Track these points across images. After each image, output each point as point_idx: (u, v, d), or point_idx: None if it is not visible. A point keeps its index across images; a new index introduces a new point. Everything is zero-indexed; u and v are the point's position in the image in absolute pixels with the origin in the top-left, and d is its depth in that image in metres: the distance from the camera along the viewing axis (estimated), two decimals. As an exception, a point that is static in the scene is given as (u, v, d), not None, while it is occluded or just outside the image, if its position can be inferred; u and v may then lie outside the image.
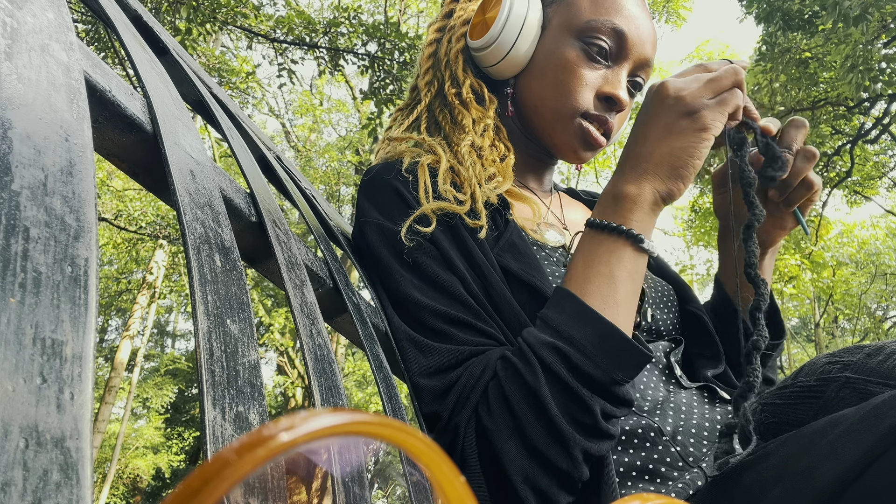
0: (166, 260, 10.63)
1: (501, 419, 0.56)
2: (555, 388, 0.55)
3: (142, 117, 0.42)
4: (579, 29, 0.78)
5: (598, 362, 0.54)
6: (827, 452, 0.40)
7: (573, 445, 0.53)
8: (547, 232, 0.80)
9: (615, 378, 0.55)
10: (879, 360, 0.51)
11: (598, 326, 0.56)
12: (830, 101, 6.91)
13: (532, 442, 0.54)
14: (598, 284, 0.59)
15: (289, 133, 13.04)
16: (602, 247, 0.61)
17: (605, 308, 0.58)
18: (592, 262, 0.60)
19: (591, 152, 0.82)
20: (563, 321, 0.57)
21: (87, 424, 0.22)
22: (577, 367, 0.54)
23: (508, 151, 0.81)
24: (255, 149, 0.74)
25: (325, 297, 0.67)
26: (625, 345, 0.56)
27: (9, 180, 0.24)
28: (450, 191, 0.70)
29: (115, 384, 9.40)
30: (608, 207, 0.62)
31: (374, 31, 5.54)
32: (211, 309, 0.35)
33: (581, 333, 0.56)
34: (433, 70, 0.88)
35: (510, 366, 0.57)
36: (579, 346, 0.55)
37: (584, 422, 0.54)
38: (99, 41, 5.33)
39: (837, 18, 4.94)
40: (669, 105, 0.60)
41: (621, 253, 0.60)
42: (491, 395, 0.57)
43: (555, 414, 0.54)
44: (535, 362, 0.56)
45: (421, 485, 0.52)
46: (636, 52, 0.79)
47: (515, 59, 0.81)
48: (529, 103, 0.83)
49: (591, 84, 0.78)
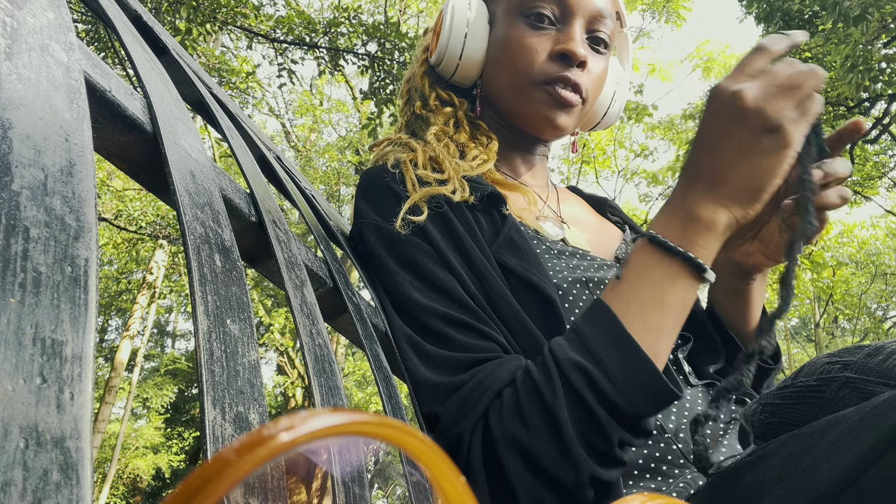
0: (166, 260, 10.63)
1: (512, 430, 0.54)
2: (575, 410, 0.53)
3: (142, 117, 0.42)
4: (518, 6, 0.80)
5: (627, 394, 0.52)
6: (827, 452, 0.40)
7: (583, 470, 0.52)
8: (544, 223, 0.80)
9: (640, 413, 0.53)
10: (879, 360, 0.51)
11: (634, 356, 0.53)
12: (830, 101, 6.91)
13: (541, 461, 0.53)
14: (645, 308, 0.55)
15: (289, 133, 13.04)
16: (660, 268, 0.56)
17: (646, 334, 0.54)
18: (645, 282, 0.56)
19: (565, 113, 0.80)
20: (598, 342, 0.54)
21: (87, 424, 0.22)
22: (604, 394, 0.52)
23: (491, 140, 0.84)
24: (255, 149, 0.74)
25: (325, 297, 0.67)
26: (657, 382, 0.53)
27: (9, 180, 0.24)
28: (431, 175, 0.73)
29: (115, 384, 9.40)
30: (675, 227, 0.57)
31: (374, 31, 5.54)
32: (211, 309, 0.35)
33: (614, 360, 0.53)
34: (408, 97, 0.93)
35: (529, 379, 0.56)
36: (610, 373, 0.53)
37: (599, 448, 0.53)
38: (99, 41, 5.33)
39: (837, 18, 4.94)
40: (750, 119, 0.53)
41: (679, 280, 0.56)
42: (505, 404, 0.56)
43: (570, 437, 0.52)
44: (557, 381, 0.54)
45: (421, 485, 0.52)
46: (584, 5, 0.79)
47: (472, 61, 0.84)
48: (495, 92, 0.84)
49: (542, 49, 0.79)
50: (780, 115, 0.53)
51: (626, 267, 0.58)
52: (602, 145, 12.54)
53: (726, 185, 0.55)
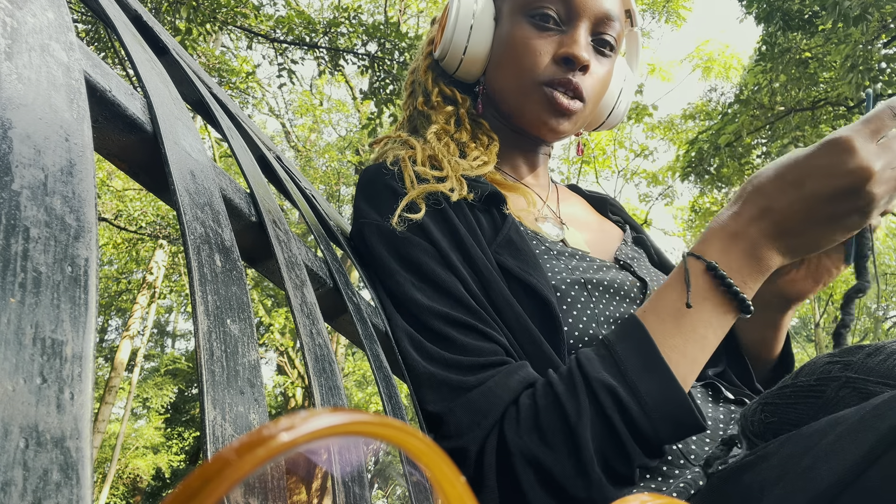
0: (166, 260, 10.63)
1: (530, 447, 0.54)
2: (600, 431, 0.53)
3: (142, 117, 0.42)
4: (524, 5, 0.79)
5: (655, 422, 0.52)
6: (827, 453, 0.40)
7: (597, 490, 0.52)
8: (543, 224, 0.80)
9: (663, 440, 0.53)
10: (879, 360, 0.50)
11: (668, 386, 0.53)
12: (830, 101, 6.91)
13: (556, 478, 0.52)
14: (687, 340, 0.54)
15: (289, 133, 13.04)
16: (709, 302, 0.55)
17: (682, 366, 0.54)
18: (691, 315, 0.55)
19: (564, 119, 0.80)
20: (633, 367, 0.53)
21: (87, 424, 0.22)
22: (632, 420, 0.52)
23: (492, 140, 0.83)
24: (255, 149, 0.74)
25: (325, 297, 0.67)
26: (688, 415, 0.53)
27: (9, 180, 0.24)
28: (429, 173, 0.73)
29: (115, 384, 9.40)
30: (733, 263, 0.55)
31: (374, 31, 5.54)
32: (211, 309, 0.35)
33: (648, 387, 0.53)
34: (411, 90, 0.93)
35: (551, 392, 0.55)
36: (642, 400, 0.52)
37: (617, 470, 0.53)
38: (99, 41, 5.33)
39: (837, 18, 4.94)
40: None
41: (726, 318, 0.55)
42: (523, 417, 0.55)
43: (589, 458, 0.52)
44: (584, 399, 0.53)
45: (421, 485, 0.52)
46: (589, 8, 0.78)
47: (475, 56, 0.84)
48: (497, 90, 0.84)
49: (546, 51, 0.78)
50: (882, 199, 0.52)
51: (673, 287, 0.56)
52: (602, 145, 12.54)
53: (795, 238, 0.53)
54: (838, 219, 0.52)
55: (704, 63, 12.06)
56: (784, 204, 0.54)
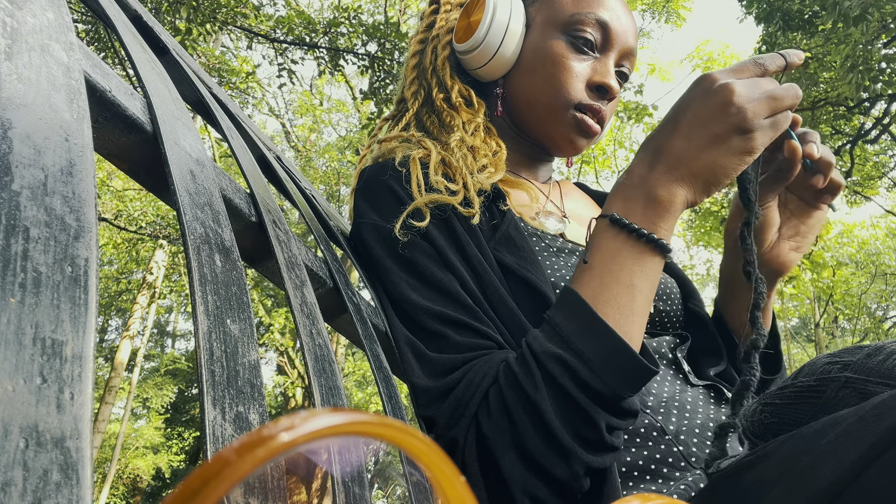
0: (166, 260, 10.63)
1: (501, 428, 0.55)
2: (558, 400, 0.54)
3: (142, 117, 0.42)
4: (564, 23, 0.80)
5: (606, 379, 0.53)
6: (827, 452, 0.40)
7: (575, 459, 0.53)
8: (546, 220, 0.80)
9: (621, 395, 0.53)
10: (879, 360, 0.50)
11: (609, 340, 0.54)
12: (830, 101, 6.91)
13: (531, 453, 0.53)
14: (616, 292, 0.56)
15: (289, 133, 13.04)
16: (625, 251, 0.57)
17: (620, 318, 0.55)
18: (612, 267, 0.57)
19: (586, 141, 0.83)
20: (573, 331, 0.55)
21: (87, 424, 0.22)
22: (584, 382, 0.53)
23: (500, 147, 0.82)
24: (255, 149, 0.74)
25: (325, 297, 0.67)
26: (634, 363, 0.54)
27: (9, 180, 0.24)
28: (441, 181, 0.70)
29: (115, 384, 9.40)
30: (636, 208, 0.58)
31: (374, 31, 5.54)
32: (211, 309, 0.35)
33: (591, 347, 0.54)
34: (419, 80, 0.89)
35: (511, 374, 0.56)
36: (587, 360, 0.53)
37: (587, 437, 0.53)
38: (99, 41, 5.33)
39: (837, 18, 4.94)
40: (730, 115, 0.54)
41: (646, 261, 0.57)
42: (492, 402, 0.57)
43: (556, 427, 0.53)
44: (536, 373, 0.54)
45: (421, 485, 0.52)
46: (621, 41, 0.81)
47: (503, 59, 0.83)
48: (522, 100, 0.84)
49: (581, 75, 0.79)
50: (755, 120, 0.55)
51: (591, 251, 0.59)
52: (602, 145, 12.54)
53: (689, 169, 0.56)
54: (722, 140, 0.55)
55: (704, 63, 12.05)
56: (669, 139, 0.57)
